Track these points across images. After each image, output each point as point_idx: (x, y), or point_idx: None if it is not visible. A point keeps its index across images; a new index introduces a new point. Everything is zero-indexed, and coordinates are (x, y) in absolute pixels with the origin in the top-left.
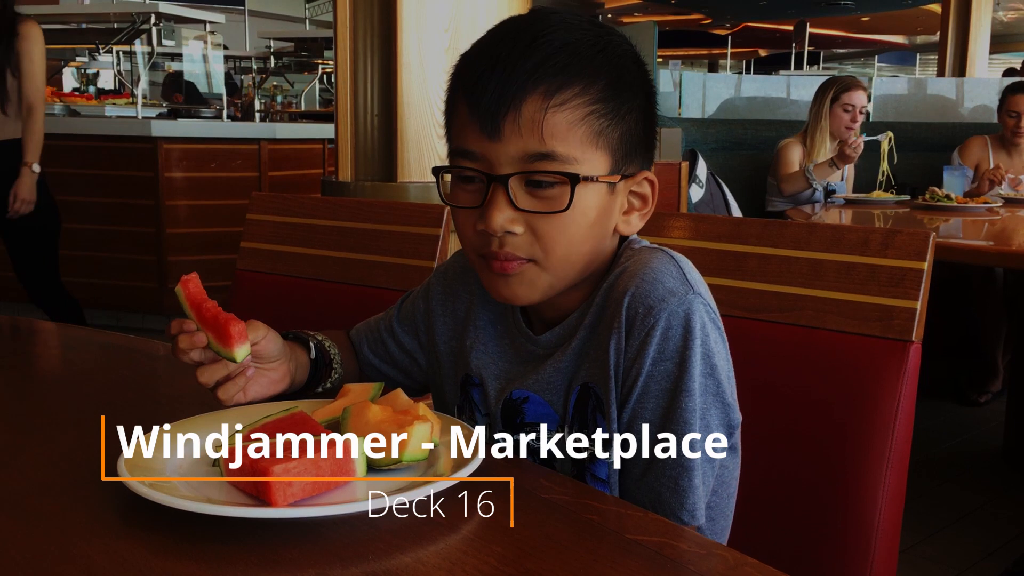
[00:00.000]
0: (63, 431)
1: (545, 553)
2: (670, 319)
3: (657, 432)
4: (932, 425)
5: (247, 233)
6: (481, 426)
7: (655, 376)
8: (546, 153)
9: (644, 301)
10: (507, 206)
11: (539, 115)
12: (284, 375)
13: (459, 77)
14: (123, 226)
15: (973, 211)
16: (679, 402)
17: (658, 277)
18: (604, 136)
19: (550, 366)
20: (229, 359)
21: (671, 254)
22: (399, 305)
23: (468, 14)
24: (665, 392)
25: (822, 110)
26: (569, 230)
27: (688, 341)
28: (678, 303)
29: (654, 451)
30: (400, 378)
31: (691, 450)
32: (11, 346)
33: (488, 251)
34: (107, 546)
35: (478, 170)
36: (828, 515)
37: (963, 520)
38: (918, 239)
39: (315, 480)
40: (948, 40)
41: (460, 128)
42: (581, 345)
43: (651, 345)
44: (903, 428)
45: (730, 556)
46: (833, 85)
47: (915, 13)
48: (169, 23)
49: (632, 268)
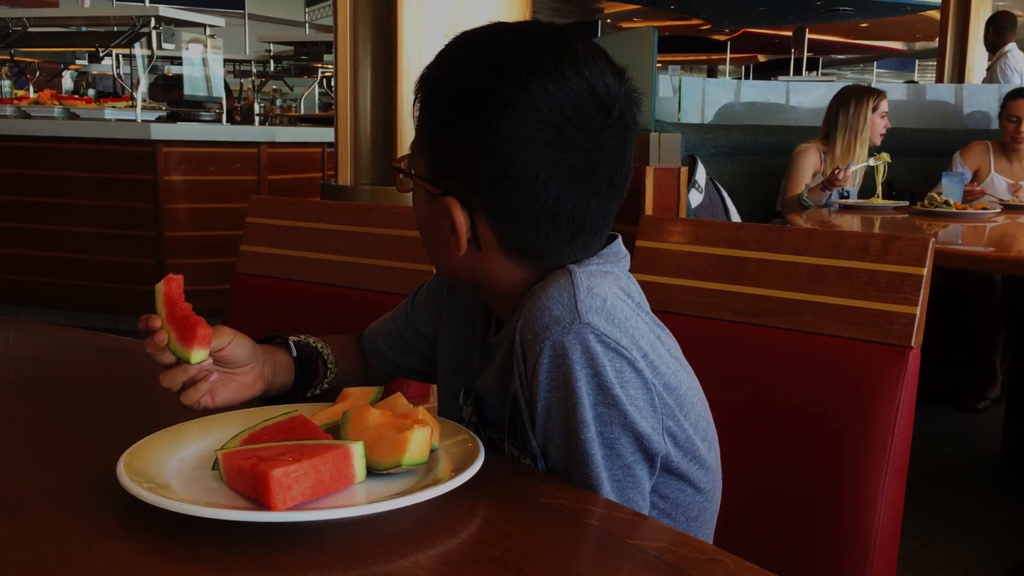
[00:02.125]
0: (63, 433)
1: (544, 558)
2: (554, 348)
3: (566, 459)
4: (930, 431)
5: (246, 236)
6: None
7: (552, 403)
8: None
9: (531, 328)
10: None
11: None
12: (256, 379)
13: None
14: (122, 229)
15: (972, 217)
16: (577, 432)
17: (548, 304)
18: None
19: (490, 370)
20: (184, 360)
21: (574, 277)
22: (414, 294)
23: (468, 17)
24: (563, 420)
25: (860, 118)
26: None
27: (571, 372)
28: (561, 332)
29: (568, 477)
30: (419, 365)
31: (598, 480)
32: (10, 348)
33: None
34: (107, 549)
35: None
36: (827, 521)
37: (962, 526)
38: (917, 244)
39: (315, 483)
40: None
41: None
42: (506, 357)
43: (541, 373)
44: (902, 433)
45: (730, 562)
46: (871, 94)
47: (914, 19)
48: (169, 26)
49: (534, 293)
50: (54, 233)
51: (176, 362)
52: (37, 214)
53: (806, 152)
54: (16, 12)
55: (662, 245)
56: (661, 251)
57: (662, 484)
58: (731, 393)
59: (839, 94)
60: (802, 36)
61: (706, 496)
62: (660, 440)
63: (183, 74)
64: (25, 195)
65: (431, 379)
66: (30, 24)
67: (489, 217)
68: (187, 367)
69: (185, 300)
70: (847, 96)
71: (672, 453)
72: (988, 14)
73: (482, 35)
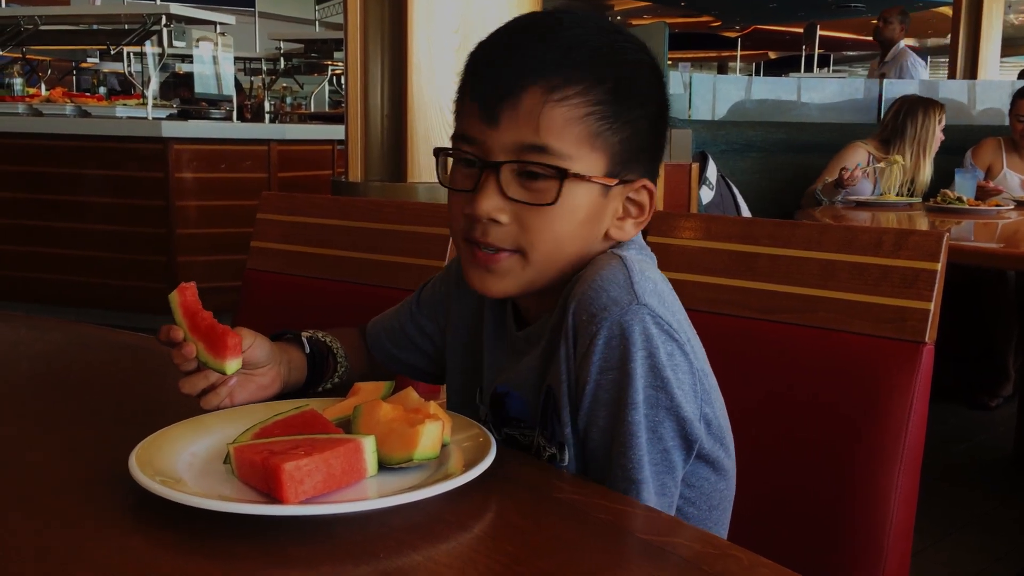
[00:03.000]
0: (75, 428)
1: (557, 553)
2: (611, 329)
3: (609, 441)
4: (943, 429)
5: (257, 233)
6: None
7: (603, 385)
8: (540, 146)
9: (587, 309)
10: (496, 193)
11: (537, 108)
12: (273, 379)
13: (471, 61)
14: (133, 227)
15: (985, 213)
16: (625, 414)
17: (603, 285)
18: (602, 138)
19: (525, 363)
20: (219, 371)
21: (626, 261)
22: (419, 291)
23: (478, 14)
24: (612, 402)
25: (929, 132)
26: (555, 225)
27: (629, 352)
28: (620, 312)
29: (608, 461)
30: (421, 363)
31: (639, 463)
32: (23, 345)
33: (472, 236)
34: (119, 543)
35: (474, 155)
36: (841, 517)
37: (973, 524)
38: (931, 240)
39: (326, 477)
40: (959, 42)
41: (464, 112)
42: (547, 346)
43: (595, 354)
44: (916, 430)
45: (744, 557)
46: (938, 108)
47: (926, 16)
48: (180, 24)
49: (585, 275)
50: (66, 230)
51: (196, 368)
52: (49, 212)
53: (853, 149)
54: (28, 10)
55: (673, 241)
56: (672, 247)
57: (689, 472)
58: (744, 389)
59: (904, 103)
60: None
61: (727, 485)
62: (699, 426)
63: (194, 72)
64: (37, 193)
65: (433, 379)
66: (42, 22)
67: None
68: (208, 373)
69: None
70: (914, 106)
71: (704, 440)
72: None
73: (595, 24)
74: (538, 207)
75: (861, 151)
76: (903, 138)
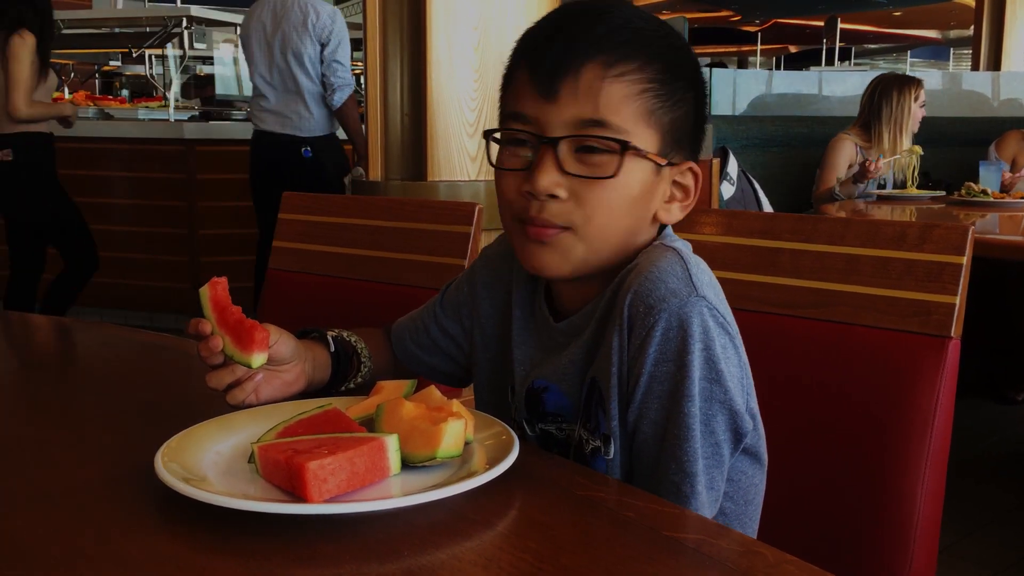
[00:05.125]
0: (101, 428)
1: (581, 550)
2: (670, 320)
3: (661, 434)
4: (968, 423)
5: (279, 232)
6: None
7: (657, 377)
8: (599, 120)
9: (645, 300)
10: (554, 169)
11: (597, 83)
12: (298, 376)
13: (522, 43)
14: (156, 227)
15: (1010, 206)
16: (680, 406)
17: (661, 276)
18: (656, 116)
19: (566, 356)
20: (245, 364)
21: (682, 254)
22: (442, 292)
23: (497, 12)
24: (667, 394)
25: (904, 109)
26: (612, 199)
27: (687, 344)
28: (679, 304)
29: (659, 453)
30: (445, 366)
31: (693, 456)
32: (50, 345)
33: (527, 215)
34: (145, 542)
35: (529, 132)
36: (867, 513)
37: (998, 521)
38: (956, 233)
39: (350, 476)
40: (982, 34)
41: (516, 92)
42: (592, 337)
43: (651, 345)
44: (942, 425)
45: (770, 554)
46: (913, 84)
47: (948, 7)
48: (200, 26)
49: (640, 266)
50: None
51: (223, 363)
52: None
53: (841, 143)
54: None
55: (695, 236)
56: (694, 243)
57: (730, 467)
58: (768, 385)
59: (879, 83)
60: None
61: (762, 479)
62: (747, 419)
63: (215, 73)
64: None
65: (455, 382)
66: (64, 26)
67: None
68: (234, 368)
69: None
70: (888, 86)
71: (749, 433)
72: None
73: (640, 11)
74: (596, 181)
75: (848, 143)
76: (880, 120)
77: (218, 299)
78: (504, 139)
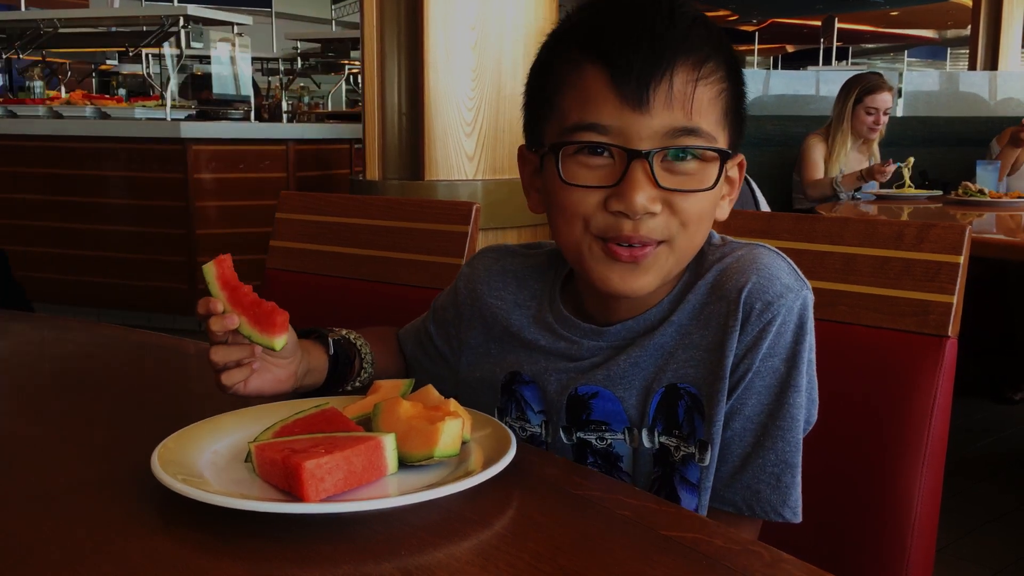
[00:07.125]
0: (98, 428)
1: (579, 549)
2: (787, 315)
3: (759, 428)
4: (966, 423)
5: (277, 232)
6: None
7: (762, 372)
8: (692, 128)
9: (762, 296)
10: (650, 184)
11: (689, 88)
12: (289, 376)
13: (585, 38)
14: (153, 227)
15: (1008, 206)
16: (787, 398)
17: (774, 272)
18: (728, 116)
19: (625, 361)
20: (267, 347)
21: (774, 250)
22: (432, 308)
23: (494, 11)
24: (770, 388)
25: (845, 110)
26: (705, 208)
27: (800, 337)
28: (794, 299)
29: (755, 447)
30: (448, 375)
31: (795, 447)
32: (45, 345)
33: (620, 235)
34: (142, 542)
35: (615, 145)
36: (864, 512)
37: (996, 521)
38: (954, 232)
39: (347, 475)
40: (979, 34)
41: (588, 99)
42: (668, 342)
43: (765, 341)
44: (939, 425)
45: (767, 553)
46: (857, 85)
47: (945, 7)
48: (197, 26)
49: (742, 263)
50: (86, 232)
51: (225, 340)
52: (70, 213)
53: (813, 145)
54: (47, 13)
55: None
56: None
57: None
58: None
59: (843, 85)
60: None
61: None
62: (815, 411)
63: (212, 73)
64: (58, 194)
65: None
66: (61, 25)
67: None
68: (242, 348)
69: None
70: (842, 87)
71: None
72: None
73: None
74: (690, 193)
75: (819, 140)
76: (832, 121)
77: (226, 278)
78: (572, 152)
